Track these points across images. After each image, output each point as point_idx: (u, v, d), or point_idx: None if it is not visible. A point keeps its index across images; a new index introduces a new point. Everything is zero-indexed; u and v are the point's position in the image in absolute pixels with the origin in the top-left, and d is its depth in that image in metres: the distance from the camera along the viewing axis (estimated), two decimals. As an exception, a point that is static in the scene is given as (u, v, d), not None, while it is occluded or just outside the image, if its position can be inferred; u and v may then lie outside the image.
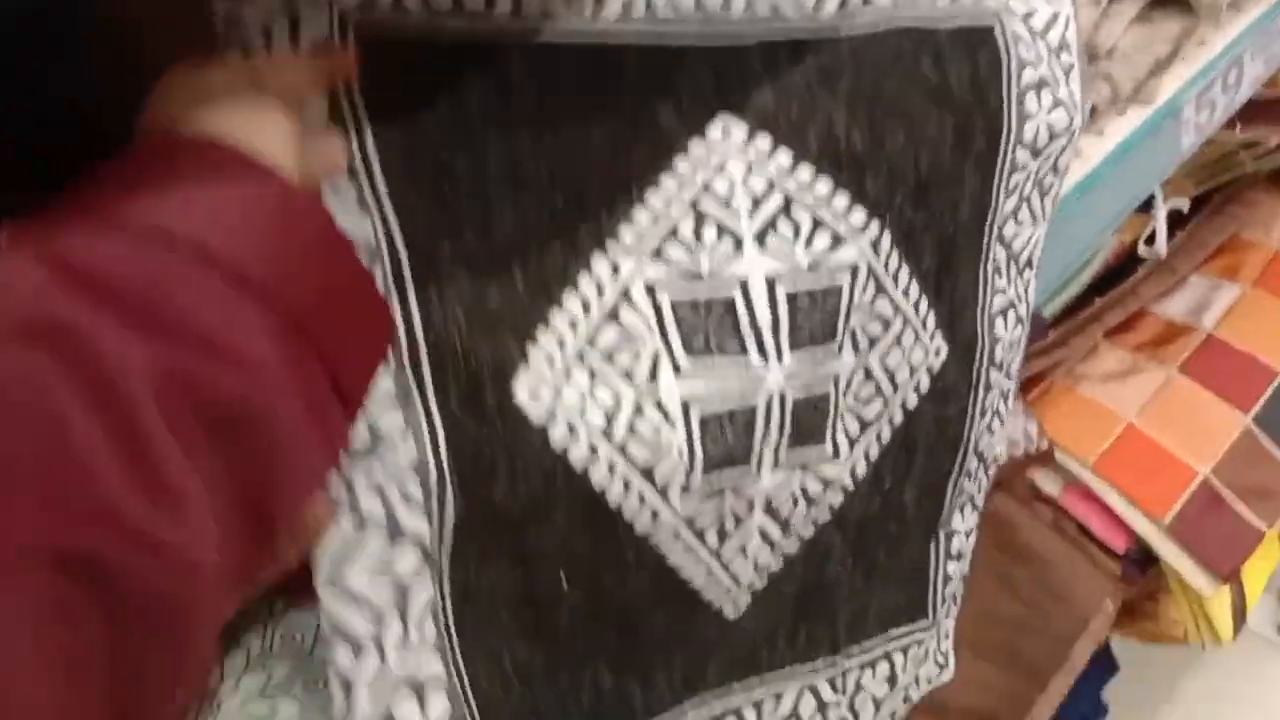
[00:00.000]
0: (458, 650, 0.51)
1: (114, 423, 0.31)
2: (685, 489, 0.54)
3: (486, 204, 0.49)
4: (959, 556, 0.72)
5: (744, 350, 0.54)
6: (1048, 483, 1.01)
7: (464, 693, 0.51)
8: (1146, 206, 0.93)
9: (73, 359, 0.31)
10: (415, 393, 0.48)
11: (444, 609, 0.50)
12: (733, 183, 0.54)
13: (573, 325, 0.51)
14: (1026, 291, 0.68)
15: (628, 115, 0.53)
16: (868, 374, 0.60)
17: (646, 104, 0.53)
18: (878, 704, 0.71)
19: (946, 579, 0.71)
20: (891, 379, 0.61)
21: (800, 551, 0.62)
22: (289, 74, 0.44)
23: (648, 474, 0.53)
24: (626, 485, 0.53)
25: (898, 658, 0.71)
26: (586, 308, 0.52)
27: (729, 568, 0.59)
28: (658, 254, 0.53)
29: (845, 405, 0.59)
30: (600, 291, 0.52)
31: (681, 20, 0.53)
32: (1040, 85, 0.63)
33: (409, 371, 0.47)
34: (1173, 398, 1.06)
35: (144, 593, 0.31)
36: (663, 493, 0.54)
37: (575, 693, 0.56)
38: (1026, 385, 1.06)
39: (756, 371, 0.55)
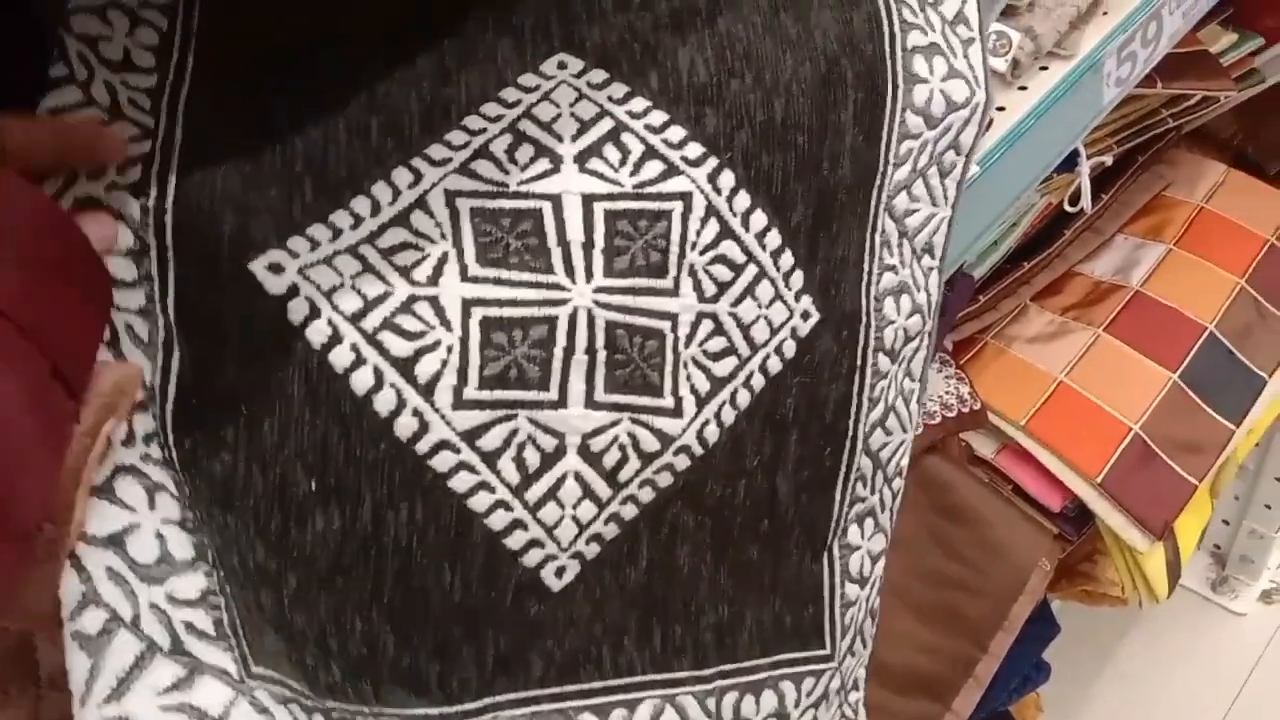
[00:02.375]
0: (187, 499, 0.48)
1: None
2: (458, 395, 0.49)
3: (294, 114, 0.49)
4: (863, 580, 0.63)
5: (549, 266, 0.51)
6: (982, 445, 1.02)
7: (210, 555, 0.49)
8: (1070, 166, 0.93)
9: None
10: (154, 249, 0.48)
11: (169, 454, 0.48)
12: (558, 108, 0.52)
13: (354, 223, 0.49)
14: (927, 281, 0.63)
15: (462, 46, 0.52)
16: (716, 324, 0.54)
17: (483, 37, 0.52)
18: None
19: (846, 602, 0.63)
20: (746, 334, 0.55)
21: (641, 522, 0.55)
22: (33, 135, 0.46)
23: (405, 367, 0.49)
24: (379, 375, 0.49)
25: (787, 688, 0.60)
26: (376, 210, 0.50)
27: (537, 514, 0.52)
28: (464, 168, 0.51)
29: (689, 355, 0.54)
30: (395, 197, 0.50)
31: None
32: (931, 50, 0.60)
33: (151, 231, 0.48)
34: (1101, 356, 1.07)
35: None
36: (426, 393, 0.49)
37: (341, 639, 0.50)
38: (958, 349, 1.07)
39: (560, 285, 0.51)
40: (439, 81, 0.51)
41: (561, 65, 0.53)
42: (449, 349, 0.49)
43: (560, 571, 0.53)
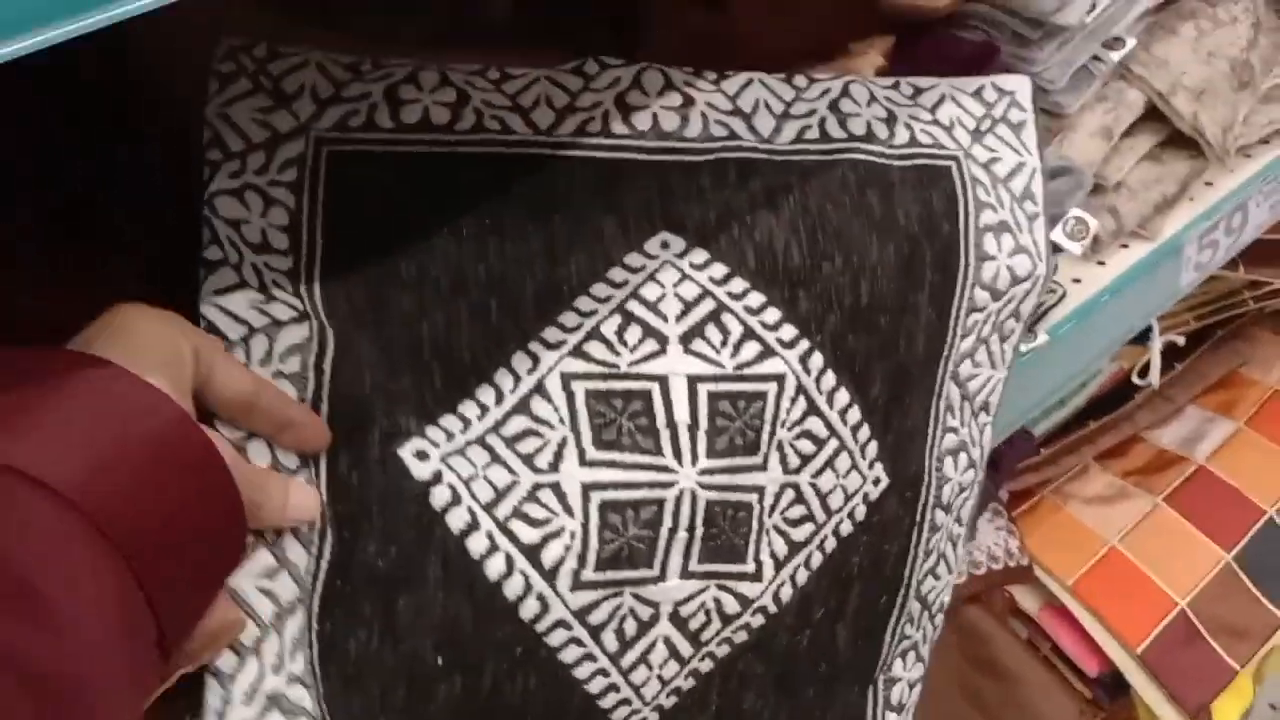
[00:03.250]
0: (323, 695, 0.51)
1: None
2: (577, 578, 0.53)
3: (420, 302, 0.52)
4: (900, 709, 0.67)
5: (658, 447, 0.54)
6: (1026, 600, 1.02)
7: None
8: (1144, 338, 0.94)
9: None
10: None
11: (312, 653, 0.50)
12: (663, 289, 0.55)
13: (481, 414, 0.52)
14: (981, 436, 0.66)
15: (571, 227, 0.54)
16: (798, 494, 0.58)
17: (590, 217, 0.55)
18: None
19: None
20: (824, 502, 0.59)
21: (715, 673, 0.59)
22: (272, 399, 0.48)
23: (533, 554, 0.52)
24: (510, 563, 0.52)
25: None
26: (500, 398, 0.53)
27: (629, 676, 0.56)
28: (578, 350, 0.53)
29: (771, 523, 0.57)
30: (516, 384, 0.53)
31: (636, 137, 0.56)
32: (1000, 228, 0.63)
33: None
34: (1157, 527, 1.07)
35: None
36: (549, 578, 0.53)
37: None
38: (1014, 499, 1.07)
39: (669, 468, 0.54)
40: (550, 261, 0.54)
41: (664, 245, 0.56)
42: (571, 535, 0.52)
43: (635, 713, 0.58)
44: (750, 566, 0.57)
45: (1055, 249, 0.68)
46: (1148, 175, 0.82)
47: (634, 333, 0.54)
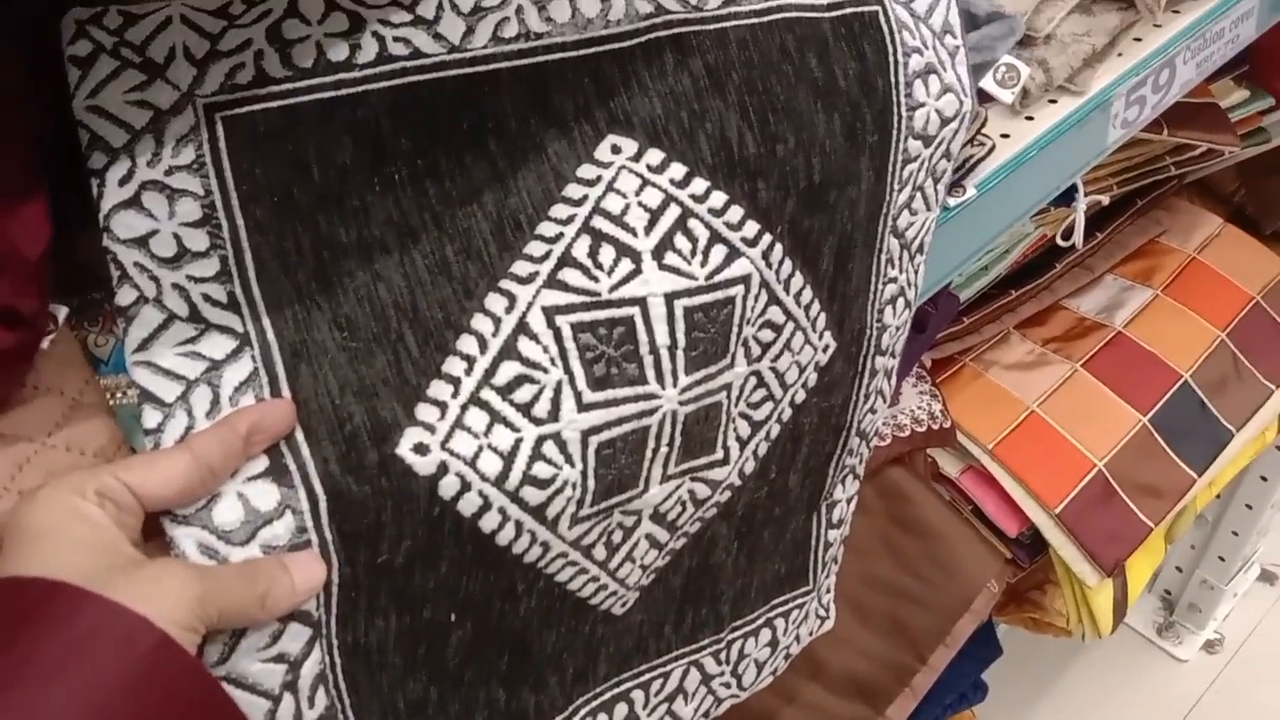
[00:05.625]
0: (349, 709, 0.51)
1: None
2: (575, 518, 0.53)
3: (370, 266, 0.48)
4: (840, 523, 0.72)
5: (643, 376, 0.53)
6: (948, 464, 1.03)
7: None
8: (1068, 200, 0.94)
9: None
10: (293, 466, 0.47)
11: (334, 676, 0.50)
12: (626, 199, 0.52)
13: (468, 368, 0.49)
14: (916, 276, 0.67)
15: (511, 149, 0.50)
16: (759, 380, 0.58)
17: (529, 133, 0.51)
18: (759, 666, 0.72)
19: (827, 545, 0.71)
20: (781, 380, 0.60)
21: (688, 546, 0.62)
22: (213, 448, 0.44)
23: (539, 512, 0.52)
24: (519, 527, 0.52)
25: (779, 623, 0.71)
26: (483, 346, 0.50)
27: (616, 575, 0.58)
28: (554, 280, 0.51)
29: (736, 412, 0.58)
30: (496, 328, 0.50)
31: (558, 32, 0.51)
32: (928, 71, 0.61)
33: (283, 445, 0.46)
34: (1076, 391, 1.09)
35: None
36: (552, 525, 0.53)
37: (470, 715, 0.56)
38: (936, 367, 1.08)
39: (653, 394, 0.53)
40: (499, 192, 0.50)
41: (616, 149, 0.52)
42: (573, 485, 0.52)
43: (624, 603, 0.61)
44: (720, 454, 0.58)
45: (986, 98, 0.66)
46: (1077, 28, 0.81)
47: (607, 253, 0.52)
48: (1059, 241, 0.97)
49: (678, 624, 0.66)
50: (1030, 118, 0.79)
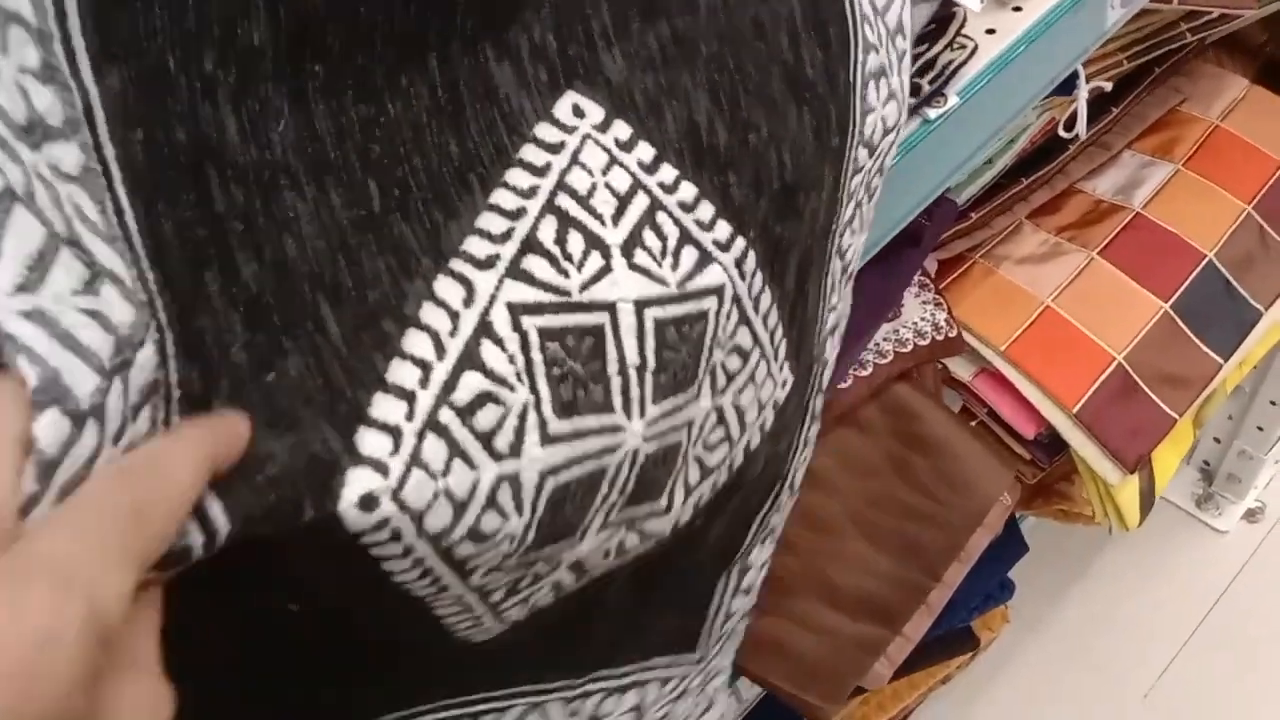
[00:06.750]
0: None
1: None
2: (493, 569, 0.43)
3: (274, 218, 0.36)
4: (748, 591, 0.64)
5: (608, 403, 0.43)
6: (960, 368, 1.00)
7: None
8: (1069, 88, 0.88)
9: None
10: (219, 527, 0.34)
11: None
12: (593, 177, 0.44)
13: (423, 377, 0.38)
14: (844, 305, 0.60)
15: (454, 75, 0.41)
16: (720, 417, 0.50)
17: (478, 63, 0.42)
18: None
19: (728, 616, 0.63)
20: (741, 420, 0.51)
21: (585, 588, 0.52)
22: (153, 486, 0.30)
23: (461, 565, 0.42)
24: (427, 573, 0.41)
25: (650, 690, 0.62)
26: (439, 348, 0.39)
27: (500, 613, 0.48)
28: (518, 269, 0.41)
29: (693, 454, 0.50)
30: (455, 325, 0.39)
31: None
32: (880, 73, 0.54)
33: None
34: (1093, 281, 1.04)
35: None
36: (465, 575, 0.43)
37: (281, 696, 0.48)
38: (945, 267, 1.03)
39: (619, 426, 0.44)
40: (445, 129, 0.41)
41: (578, 112, 0.44)
42: (511, 539, 0.42)
43: (487, 634, 0.50)
44: (664, 503, 0.50)
45: (951, 2, 0.61)
46: (1067, -97, 0.74)
47: (575, 242, 0.43)
48: (1061, 133, 0.92)
49: (529, 658, 0.55)
50: (1018, 8, 0.73)
